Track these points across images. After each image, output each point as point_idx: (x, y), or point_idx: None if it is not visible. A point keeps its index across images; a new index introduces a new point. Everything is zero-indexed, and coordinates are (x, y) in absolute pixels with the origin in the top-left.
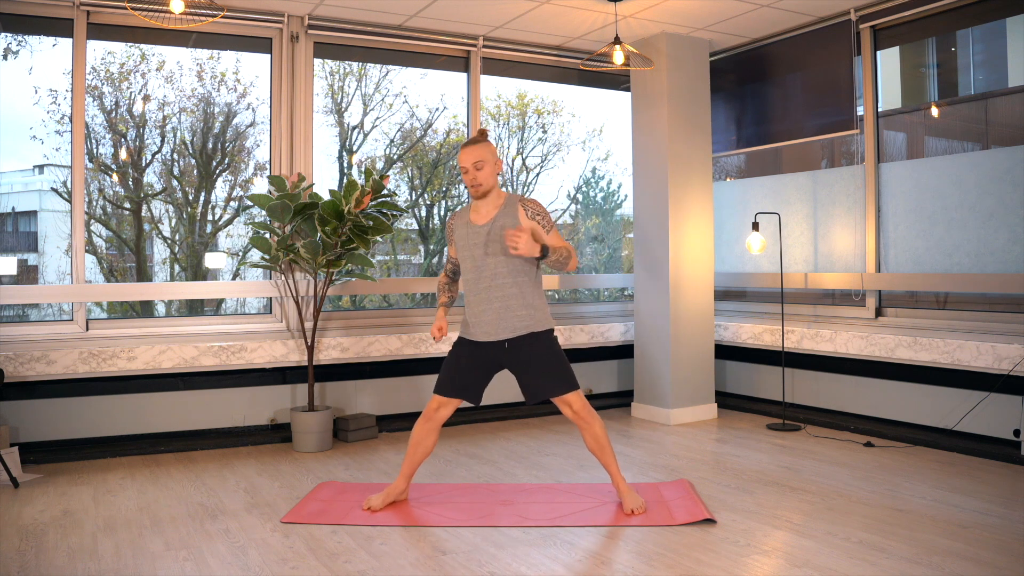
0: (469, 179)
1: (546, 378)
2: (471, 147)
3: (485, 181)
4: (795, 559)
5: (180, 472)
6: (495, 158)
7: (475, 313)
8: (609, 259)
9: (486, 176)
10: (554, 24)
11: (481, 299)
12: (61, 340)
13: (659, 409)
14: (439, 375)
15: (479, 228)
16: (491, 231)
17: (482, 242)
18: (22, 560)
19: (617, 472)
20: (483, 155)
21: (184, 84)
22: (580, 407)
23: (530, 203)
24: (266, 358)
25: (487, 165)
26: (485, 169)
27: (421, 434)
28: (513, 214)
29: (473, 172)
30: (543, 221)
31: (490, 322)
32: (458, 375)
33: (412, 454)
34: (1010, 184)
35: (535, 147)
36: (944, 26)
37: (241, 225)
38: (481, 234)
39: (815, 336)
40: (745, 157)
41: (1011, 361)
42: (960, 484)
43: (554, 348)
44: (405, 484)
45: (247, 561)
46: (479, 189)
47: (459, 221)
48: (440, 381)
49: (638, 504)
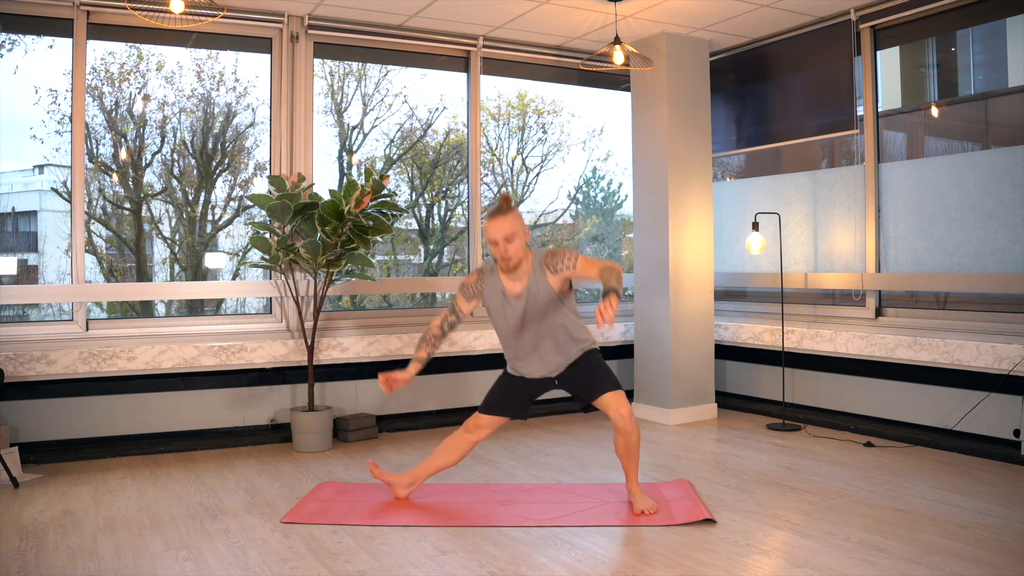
0: (499, 252)
1: (595, 380)
2: (500, 220)
3: (515, 254)
4: (795, 559)
5: (180, 472)
6: (524, 227)
7: (524, 363)
8: (609, 259)
9: (516, 249)
10: (554, 24)
11: (527, 351)
12: (61, 340)
13: (659, 409)
14: (486, 397)
15: (516, 302)
16: (528, 302)
17: (519, 313)
18: (22, 560)
19: (636, 478)
20: (514, 228)
21: (184, 84)
22: (628, 412)
23: (550, 258)
24: (266, 358)
25: (517, 237)
26: (516, 242)
27: (451, 443)
28: (543, 279)
29: (504, 246)
30: (568, 264)
31: (542, 366)
32: (506, 399)
33: (432, 460)
34: (1010, 184)
35: (535, 147)
36: (944, 26)
37: (241, 225)
38: (518, 307)
39: (815, 336)
40: (745, 157)
41: (1011, 361)
42: (960, 484)
43: (600, 359)
44: (408, 481)
45: (247, 561)
46: (510, 263)
47: (490, 289)
48: (487, 402)
49: (648, 505)
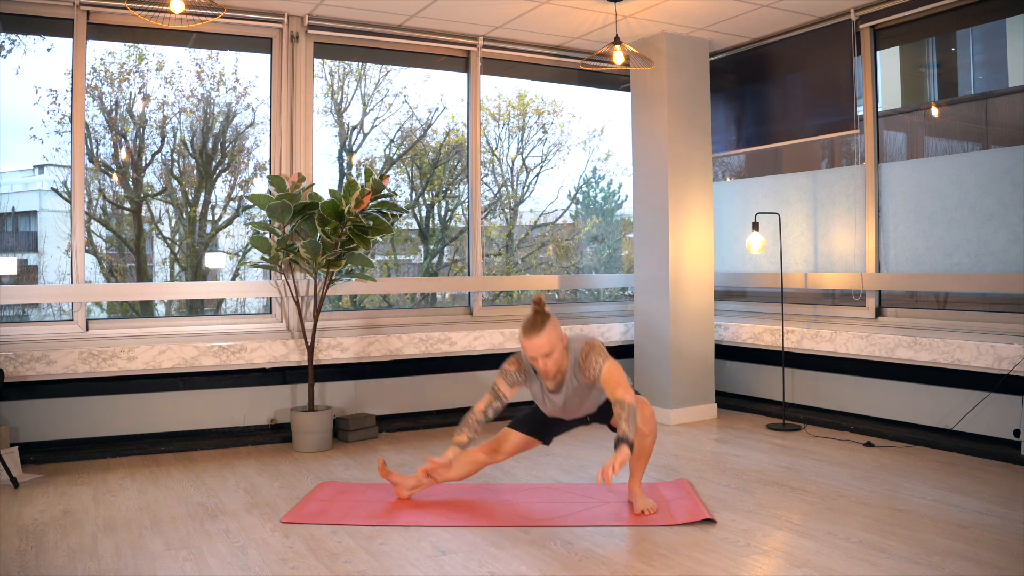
0: (540, 366)
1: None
2: (536, 339)
3: (557, 364)
4: (795, 559)
5: (180, 472)
6: (560, 334)
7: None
8: (609, 259)
9: (556, 360)
10: (554, 24)
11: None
12: (61, 340)
13: (659, 409)
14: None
15: (556, 396)
16: (567, 397)
17: (560, 404)
18: (22, 560)
19: (640, 479)
20: (552, 343)
21: (184, 84)
22: (650, 412)
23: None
24: (266, 358)
25: (556, 350)
26: (555, 354)
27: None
28: (579, 379)
29: (544, 362)
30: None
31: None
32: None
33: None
34: (1010, 184)
35: (535, 147)
36: (944, 26)
37: (241, 225)
38: (558, 400)
39: (815, 336)
40: (745, 157)
41: (1011, 361)
42: (960, 484)
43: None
44: (413, 483)
45: (247, 561)
46: (551, 376)
47: (531, 380)
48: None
49: (648, 506)
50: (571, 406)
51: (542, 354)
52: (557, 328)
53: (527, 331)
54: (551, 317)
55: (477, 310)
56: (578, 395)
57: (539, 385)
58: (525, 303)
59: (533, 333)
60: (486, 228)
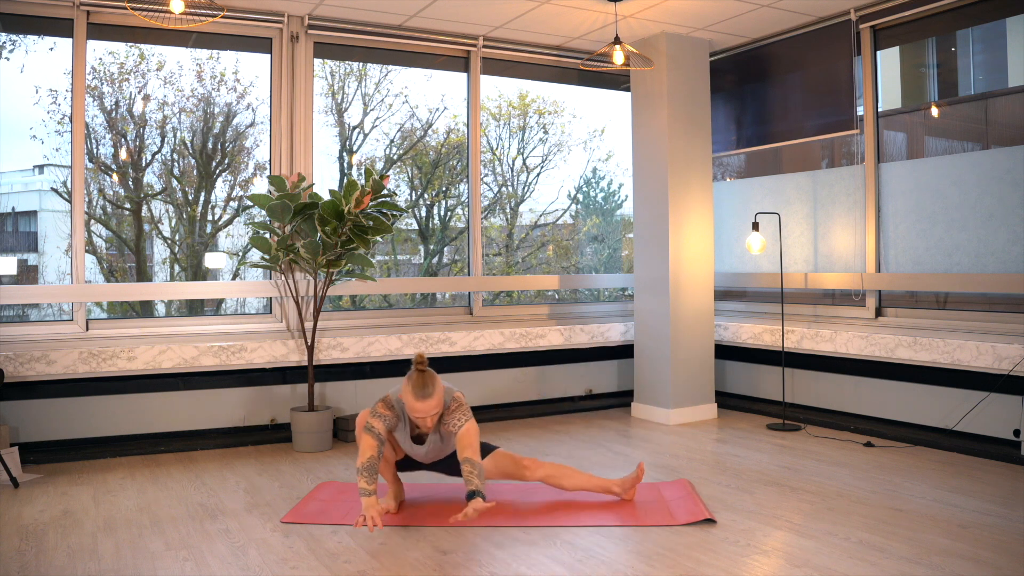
0: (427, 423)
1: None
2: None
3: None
4: (795, 559)
5: (180, 472)
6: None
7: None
8: (609, 259)
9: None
10: (554, 24)
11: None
12: (61, 340)
13: (659, 409)
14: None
15: (420, 448)
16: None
17: (423, 452)
18: (22, 560)
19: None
20: (441, 400)
21: (184, 84)
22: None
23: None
24: (266, 358)
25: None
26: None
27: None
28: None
29: (432, 419)
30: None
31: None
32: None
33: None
34: (1010, 184)
35: (536, 147)
36: (944, 26)
37: (241, 225)
38: (421, 450)
39: (815, 336)
40: (745, 157)
41: (1011, 361)
42: (960, 484)
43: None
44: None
45: (247, 561)
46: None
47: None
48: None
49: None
50: (431, 453)
51: (432, 414)
52: (441, 388)
53: (420, 396)
54: (435, 375)
55: (477, 310)
56: (440, 445)
57: (406, 432)
58: (525, 303)
59: (426, 397)
60: (486, 228)
